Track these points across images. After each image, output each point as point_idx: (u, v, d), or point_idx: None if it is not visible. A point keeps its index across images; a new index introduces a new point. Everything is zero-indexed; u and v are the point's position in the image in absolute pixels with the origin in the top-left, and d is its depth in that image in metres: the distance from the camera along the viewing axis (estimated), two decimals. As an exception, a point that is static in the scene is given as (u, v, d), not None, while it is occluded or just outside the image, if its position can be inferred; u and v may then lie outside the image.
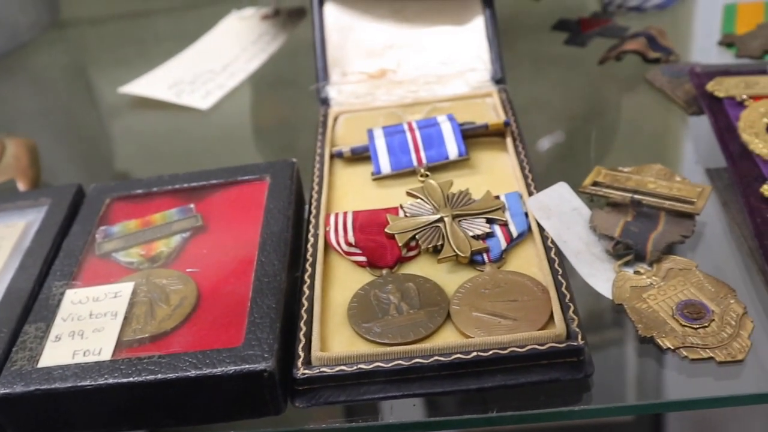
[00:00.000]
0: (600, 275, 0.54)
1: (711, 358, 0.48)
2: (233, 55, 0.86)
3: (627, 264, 0.55)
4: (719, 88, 0.66)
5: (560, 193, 0.58)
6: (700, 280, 0.53)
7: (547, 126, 0.72)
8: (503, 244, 0.55)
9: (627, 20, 0.84)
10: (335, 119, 0.70)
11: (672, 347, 0.49)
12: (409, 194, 0.59)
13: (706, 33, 0.81)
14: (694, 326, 0.50)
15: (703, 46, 0.80)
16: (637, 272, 0.54)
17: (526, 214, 0.57)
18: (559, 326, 0.48)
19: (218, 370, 0.47)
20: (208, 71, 0.84)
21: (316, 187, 0.62)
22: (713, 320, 0.50)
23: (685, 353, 0.49)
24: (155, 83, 0.83)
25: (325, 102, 0.72)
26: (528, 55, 0.83)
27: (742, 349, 0.49)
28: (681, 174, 0.61)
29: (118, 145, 0.86)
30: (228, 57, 0.86)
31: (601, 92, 0.77)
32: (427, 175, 0.61)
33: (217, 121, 0.80)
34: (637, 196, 0.58)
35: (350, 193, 0.62)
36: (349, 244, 0.56)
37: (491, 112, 0.67)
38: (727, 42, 0.78)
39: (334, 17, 0.75)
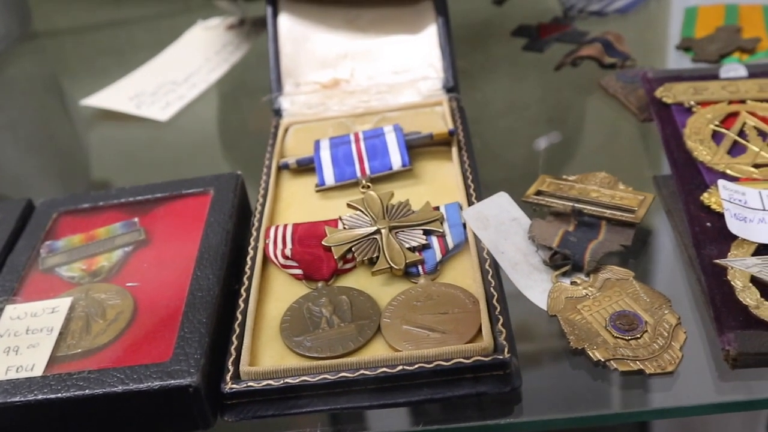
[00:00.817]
0: (537, 286, 0.54)
1: (641, 370, 0.48)
2: (196, 66, 0.87)
3: (565, 274, 0.54)
4: (668, 94, 0.65)
5: (500, 203, 0.58)
6: (636, 291, 0.53)
7: (501, 134, 0.72)
8: (438, 256, 0.54)
9: (587, 25, 0.83)
10: (286, 130, 0.70)
11: (603, 359, 0.48)
12: (349, 206, 0.59)
13: (667, 37, 0.80)
14: (626, 338, 0.50)
15: (662, 51, 0.79)
16: (573, 283, 0.54)
17: (465, 225, 0.56)
18: (486, 339, 0.48)
19: (144, 386, 0.47)
20: (170, 82, 0.84)
21: (260, 200, 0.62)
22: (646, 331, 0.50)
23: (615, 365, 0.48)
24: (117, 95, 0.84)
25: (278, 113, 0.72)
26: (487, 62, 0.83)
27: (672, 361, 0.48)
28: (629, 181, 0.61)
29: (85, 157, 0.86)
30: (191, 67, 0.86)
31: (557, 99, 0.76)
32: (368, 186, 0.61)
33: (179, 132, 0.80)
34: (578, 206, 0.58)
35: (294, 205, 0.62)
36: (285, 257, 0.55)
37: (440, 121, 0.67)
38: (685, 46, 0.77)
39: (287, 28, 0.75)
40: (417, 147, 0.64)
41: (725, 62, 0.72)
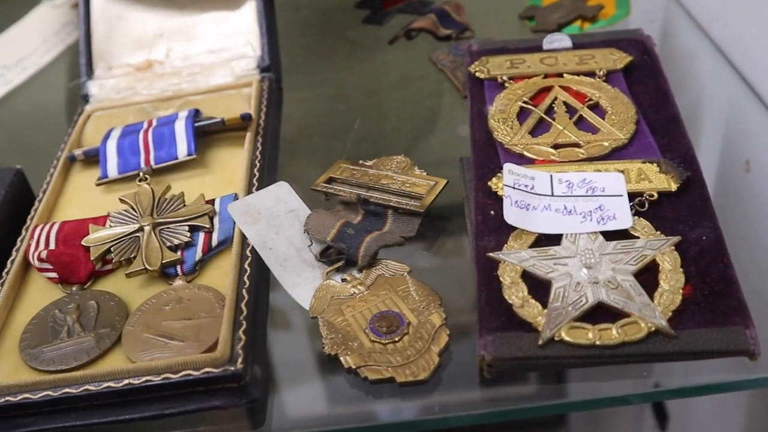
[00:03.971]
0: (306, 284, 0.50)
1: (392, 378, 0.44)
2: (32, 47, 0.82)
3: (338, 270, 0.50)
4: (482, 68, 0.60)
5: (277, 194, 0.53)
6: (407, 288, 0.48)
7: (317, 117, 0.67)
8: (199, 255, 0.50)
9: (438, -6, 0.78)
10: (87, 118, 0.65)
11: (354, 366, 0.44)
12: (121, 201, 0.55)
13: (519, 5, 0.74)
14: (383, 341, 0.45)
15: (509, 20, 0.74)
16: (344, 280, 0.50)
17: (237, 220, 0.52)
18: (221, 348, 0.44)
19: None
20: (1, 66, 0.79)
21: (40, 195, 0.57)
22: (406, 334, 0.46)
23: (366, 373, 0.44)
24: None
25: (85, 99, 0.67)
26: (324, 38, 0.77)
27: (426, 367, 0.44)
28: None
29: None
30: (27, 49, 0.81)
31: (385, 75, 0.71)
32: (145, 179, 0.56)
33: (3, 119, 0.76)
34: (365, 194, 0.53)
35: (76, 200, 0.58)
36: (40, 260, 0.51)
37: (245, 105, 0.62)
38: (528, 15, 0.72)
39: (101, 7, 0.70)
40: (210, 134, 0.59)
41: (565, 32, 0.67)
